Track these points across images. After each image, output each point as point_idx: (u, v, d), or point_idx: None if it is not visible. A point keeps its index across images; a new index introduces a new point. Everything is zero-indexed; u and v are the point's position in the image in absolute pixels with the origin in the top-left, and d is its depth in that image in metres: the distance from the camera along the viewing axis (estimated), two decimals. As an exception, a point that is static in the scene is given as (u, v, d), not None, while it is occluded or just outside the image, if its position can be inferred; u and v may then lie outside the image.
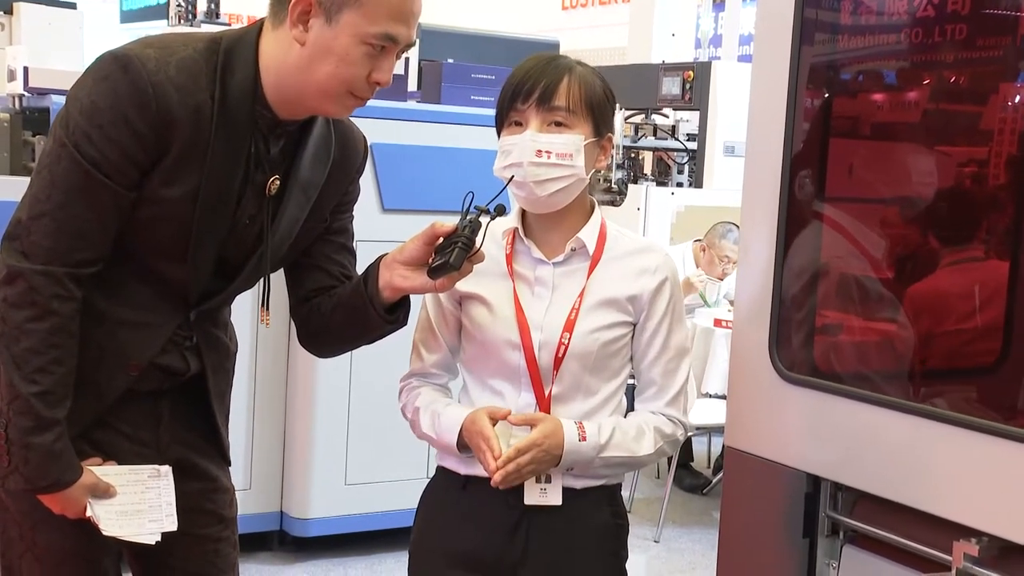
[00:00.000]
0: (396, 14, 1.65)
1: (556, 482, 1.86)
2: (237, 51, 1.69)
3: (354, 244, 1.98)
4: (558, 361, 1.85)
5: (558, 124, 1.82)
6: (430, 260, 1.76)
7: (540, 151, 1.80)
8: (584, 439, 1.82)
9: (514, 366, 1.87)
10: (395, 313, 1.84)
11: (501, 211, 1.76)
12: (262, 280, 1.85)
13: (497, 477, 1.77)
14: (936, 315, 1.93)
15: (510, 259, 1.90)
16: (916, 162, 1.98)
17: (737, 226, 5.15)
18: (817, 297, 2.02)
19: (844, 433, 1.84)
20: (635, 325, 1.91)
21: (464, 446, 1.85)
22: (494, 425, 1.81)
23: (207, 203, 1.69)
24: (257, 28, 1.73)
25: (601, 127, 1.86)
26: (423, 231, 1.76)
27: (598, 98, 1.85)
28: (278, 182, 1.77)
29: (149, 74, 1.62)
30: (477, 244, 1.73)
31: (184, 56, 1.66)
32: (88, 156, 1.62)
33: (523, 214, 1.92)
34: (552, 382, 1.86)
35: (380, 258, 1.83)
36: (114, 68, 1.63)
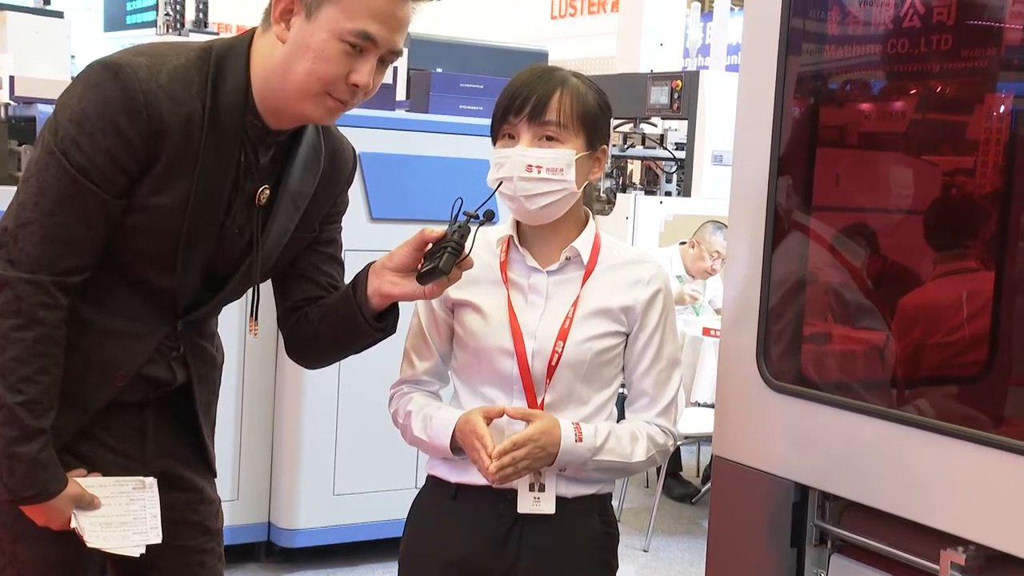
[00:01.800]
0: (375, 12, 1.63)
1: (550, 491, 1.85)
2: (228, 60, 1.69)
3: (342, 254, 1.97)
4: (551, 369, 1.85)
5: (549, 138, 1.82)
6: (419, 266, 1.75)
7: (530, 166, 1.80)
8: (580, 440, 1.82)
9: (507, 374, 1.86)
10: (384, 321, 1.84)
11: (490, 216, 1.76)
12: (251, 290, 1.84)
13: (492, 469, 1.76)
14: (922, 324, 1.94)
15: (504, 267, 1.90)
16: (901, 172, 1.98)
17: (727, 225, 5.16)
18: (804, 306, 2.02)
19: (831, 442, 1.84)
20: (628, 335, 1.91)
21: (457, 448, 1.85)
22: (488, 425, 1.81)
23: (196, 212, 1.68)
24: (249, 37, 1.72)
25: (594, 140, 1.87)
26: (412, 237, 1.76)
27: (591, 111, 1.85)
28: (267, 192, 1.77)
29: (140, 82, 1.61)
30: (466, 250, 1.72)
31: (176, 65, 1.65)
32: (76, 164, 1.61)
33: (518, 222, 1.92)
34: (545, 391, 1.86)
35: (369, 265, 1.83)
36: (105, 76, 1.62)
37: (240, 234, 1.77)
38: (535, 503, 1.85)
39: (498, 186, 1.83)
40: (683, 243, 5.50)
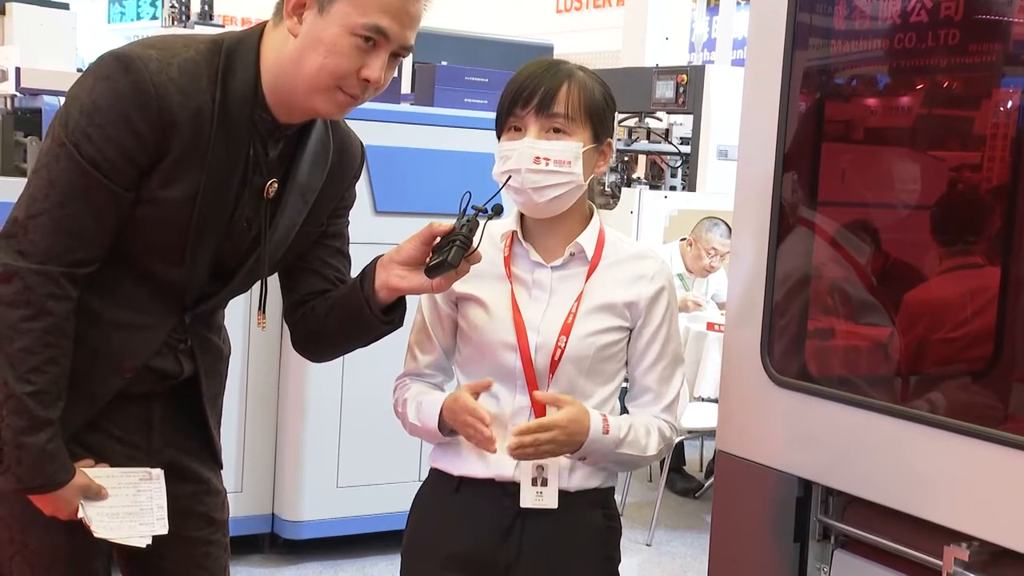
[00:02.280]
0: (387, 7, 1.64)
1: (552, 485, 1.86)
2: (238, 53, 1.69)
3: (349, 248, 1.98)
4: (554, 364, 1.85)
5: (557, 131, 1.82)
6: (427, 260, 1.76)
7: (538, 158, 1.80)
8: (607, 432, 1.82)
9: (510, 368, 1.87)
10: (391, 314, 1.84)
11: (499, 211, 1.77)
12: (259, 283, 1.85)
13: (513, 443, 1.76)
14: (927, 320, 1.94)
15: (508, 262, 1.90)
16: (907, 167, 1.98)
17: (723, 221, 5.19)
18: (808, 301, 2.03)
19: (835, 437, 1.84)
20: (631, 331, 1.91)
21: (449, 431, 1.85)
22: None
23: (205, 205, 1.69)
24: (259, 30, 1.73)
25: (600, 133, 1.87)
26: (420, 231, 1.77)
27: (597, 104, 1.86)
28: (276, 185, 1.77)
29: (151, 75, 1.61)
30: (474, 243, 1.73)
31: (186, 57, 1.65)
32: (87, 155, 1.61)
33: (521, 217, 1.92)
34: (548, 385, 1.86)
35: (377, 259, 1.83)
36: (116, 68, 1.62)
37: (248, 227, 1.77)
38: (537, 497, 1.85)
39: (507, 180, 1.83)
40: (683, 239, 5.50)
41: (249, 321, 3.58)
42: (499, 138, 1.88)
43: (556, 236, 1.90)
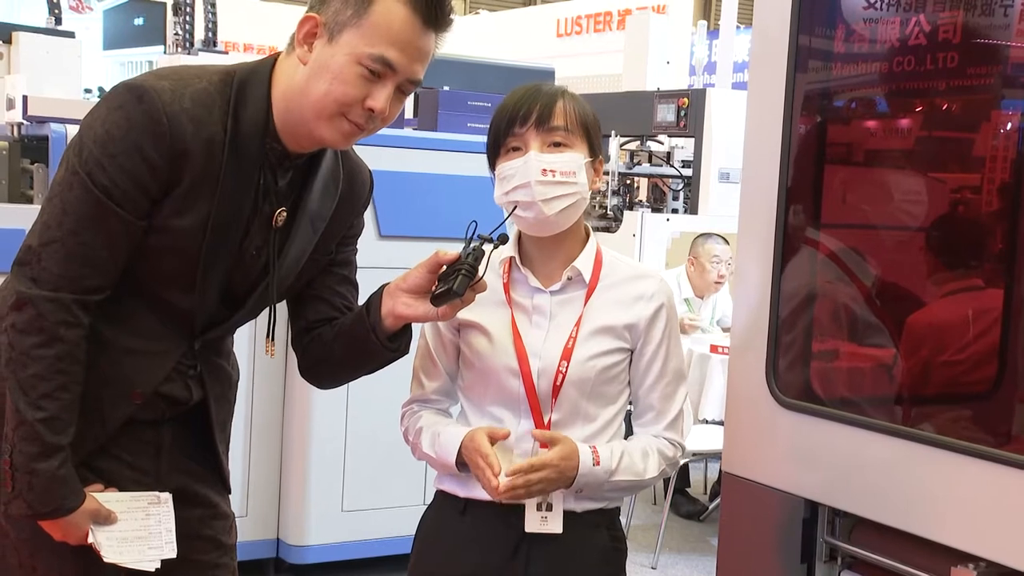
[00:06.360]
0: (394, 39, 1.66)
1: (557, 509, 1.86)
2: (251, 83, 1.71)
3: (356, 276, 1.99)
4: (556, 389, 1.86)
5: (557, 144, 1.84)
6: (433, 288, 1.77)
7: (545, 170, 1.82)
8: (598, 463, 1.83)
9: (513, 394, 1.88)
10: (397, 341, 1.85)
11: (504, 240, 1.78)
12: (268, 311, 1.86)
13: (502, 487, 1.77)
14: (931, 342, 1.94)
15: (507, 288, 1.91)
16: (909, 189, 2.00)
17: (717, 235, 5.22)
18: (812, 323, 2.03)
19: (841, 458, 1.85)
20: (632, 351, 1.92)
21: (463, 464, 1.86)
22: (492, 445, 1.82)
23: (216, 234, 1.70)
24: (271, 61, 1.75)
25: (594, 148, 1.90)
26: (426, 259, 1.78)
27: (590, 119, 1.90)
28: (285, 214, 1.79)
29: (164, 105, 1.63)
30: (480, 272, 1.74)
31: (198, 88, 1.67)
32: (100, 184, 1.63)
33: (519, 243, 1.93)
34: (551, 409, 1.87)
35: (383, 287, 1.84)
36: (129, 98, 1.64)
37: (258, 255, 1.79)
38: (542, 522, 1.86)
39: (513, 209, 1.84)
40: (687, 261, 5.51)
41: (255, 347, 3.59)
42: (493, 163, 1.89)
43: (554, 260, 1.92)
